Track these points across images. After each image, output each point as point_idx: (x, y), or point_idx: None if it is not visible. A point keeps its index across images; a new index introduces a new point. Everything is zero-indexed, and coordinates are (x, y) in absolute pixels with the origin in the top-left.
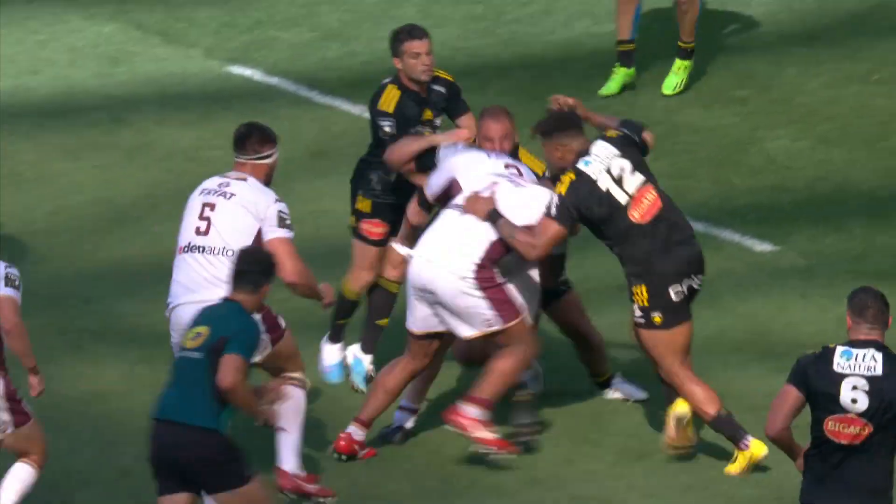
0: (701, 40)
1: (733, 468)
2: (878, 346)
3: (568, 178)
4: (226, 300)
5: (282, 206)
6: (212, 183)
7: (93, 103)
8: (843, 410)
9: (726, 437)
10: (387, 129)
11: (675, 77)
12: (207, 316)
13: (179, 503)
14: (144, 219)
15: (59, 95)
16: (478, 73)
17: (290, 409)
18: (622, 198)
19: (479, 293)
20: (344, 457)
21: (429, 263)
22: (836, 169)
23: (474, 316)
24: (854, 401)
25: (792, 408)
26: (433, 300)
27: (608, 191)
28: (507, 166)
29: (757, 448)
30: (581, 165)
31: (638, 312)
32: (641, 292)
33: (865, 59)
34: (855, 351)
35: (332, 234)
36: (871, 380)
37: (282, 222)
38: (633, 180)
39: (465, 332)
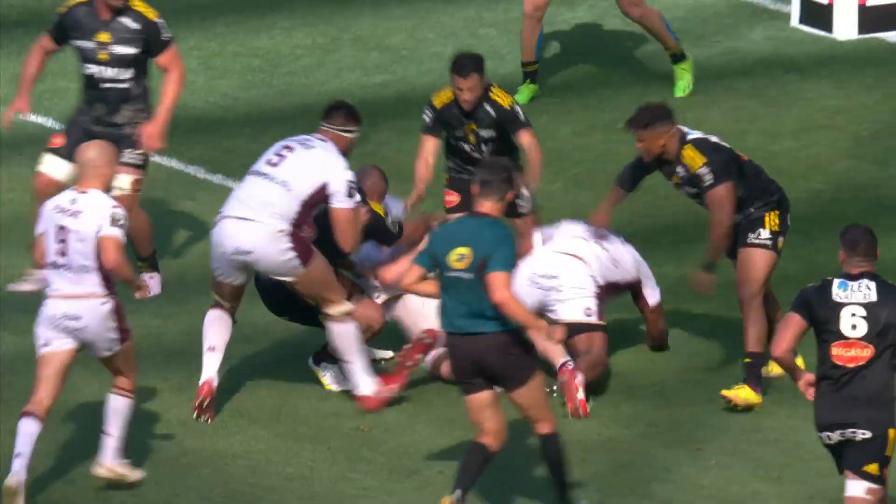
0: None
1: (730, 393)
2: (871, 276)
3: (692, 150)
4: (476, 214)
5: (351, 175)
6: (297, 138)
7: None
8: (845, 337)
9: (745, 374)
10: (425, 118)
11: (681, 81)
12: (465, 235)
13: (485, 399)
14: None
15: None
16: (257, 121)
17: (345, 342)
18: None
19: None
20: None
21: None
22: (586, 209)
23: (583, 302)
24: (853, 327)
25: (795, 332)
26: (552, 285)
27: (720, 141)
28: None
29: (755, 398)
30: (692, 138)
31: (767, 235)
32: (773, 218)
33: (610, 109)
34: (850, 283)
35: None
36: (867, 306)
37: (350, 192)
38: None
39: (571, 315)
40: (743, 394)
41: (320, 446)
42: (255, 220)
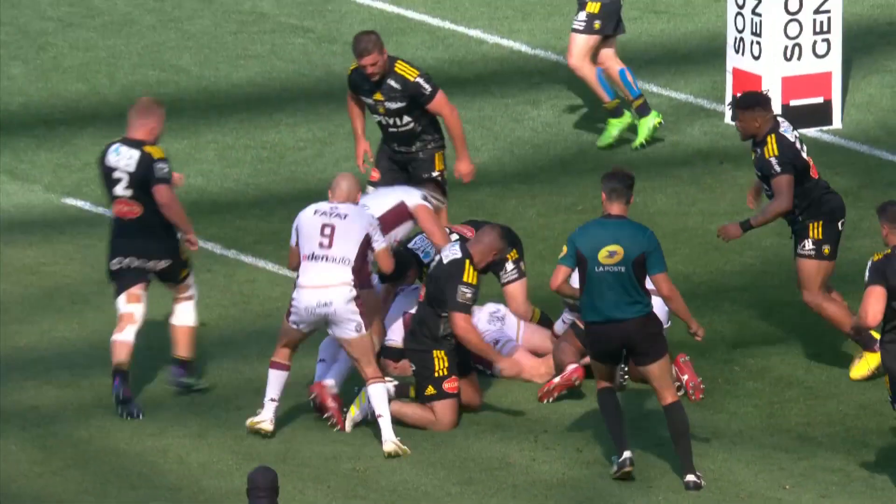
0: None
1: (858, 371)
2: None
3: (772, 140)
4: (611, 216)
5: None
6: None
7: None
8: None
9: (860, 343)
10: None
11: (607, 132)
12: (611, 235)
13: (613, 371)
14: None
15: None
16: (265, 203)
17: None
18: (806, 157)
19: None
20: None
21: None
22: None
23: None
24: None
25: (882, 301)
26: None
27: (801, 151)
28: None
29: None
30: (782, 131)
31: (810, 245)
32: (817, 228)
33: (570, 193)
34: None
35: (149, 333)
36: None
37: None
38: (805, 148)
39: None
40: (871, 361)
41: (321, 485)
42: None
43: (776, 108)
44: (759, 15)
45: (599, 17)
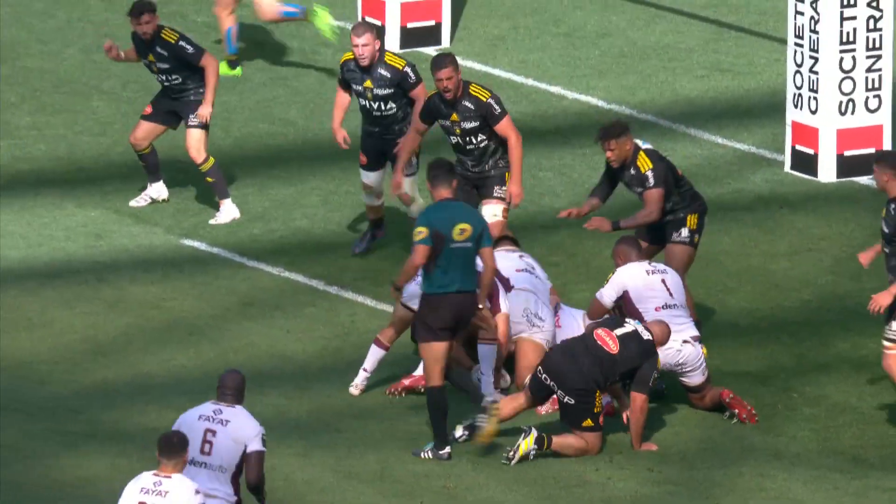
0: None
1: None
2: None
3: (643, 155)
4: (448, 199)
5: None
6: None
7: (83, 267)
8: None
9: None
10: None
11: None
12: (459, 215)
13: (447, 348)
14: (121, 352)
15: (57, 262)
16: (338, 249)
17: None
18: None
19: None
20: None
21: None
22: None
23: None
24: None
25: None
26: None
27: (665, 157)
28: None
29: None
30: (643, 147)
31: (686, 233)
32: (693, 219)
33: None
34: None
35: (259, 363)
36: None
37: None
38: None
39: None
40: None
41: (414, 501)
42: None
43: (833, 157)
44: (816, 73)
45: None
